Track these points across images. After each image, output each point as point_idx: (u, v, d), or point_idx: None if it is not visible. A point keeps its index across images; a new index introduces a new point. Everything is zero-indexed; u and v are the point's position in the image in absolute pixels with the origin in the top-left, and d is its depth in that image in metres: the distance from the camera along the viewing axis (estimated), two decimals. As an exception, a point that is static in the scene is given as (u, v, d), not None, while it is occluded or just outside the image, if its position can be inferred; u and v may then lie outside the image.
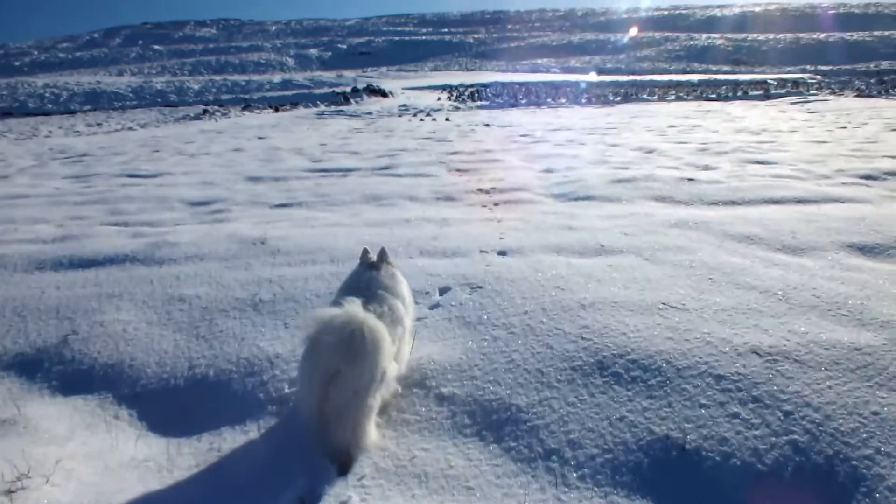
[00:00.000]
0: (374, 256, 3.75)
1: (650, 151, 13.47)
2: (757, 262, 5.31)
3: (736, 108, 33.97)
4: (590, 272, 5.07)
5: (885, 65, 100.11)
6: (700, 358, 3.61)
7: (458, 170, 11.92)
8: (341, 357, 2.78)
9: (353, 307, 2.94)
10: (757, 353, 3.65)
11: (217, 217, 8.51)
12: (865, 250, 5.71)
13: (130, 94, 66.54)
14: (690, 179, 9.15)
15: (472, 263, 5.38)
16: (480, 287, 4.76)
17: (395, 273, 3.70)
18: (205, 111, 47.12)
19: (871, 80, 54.31)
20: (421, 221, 7.25)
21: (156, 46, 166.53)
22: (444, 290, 4.69)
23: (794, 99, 37.54)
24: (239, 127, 32.15)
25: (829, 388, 3.36)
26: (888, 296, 4.54)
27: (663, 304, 4.36)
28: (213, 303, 4.54)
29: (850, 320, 4.12)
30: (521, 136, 19.15)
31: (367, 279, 3.52)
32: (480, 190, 9.52)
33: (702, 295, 4.53)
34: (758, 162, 11.13)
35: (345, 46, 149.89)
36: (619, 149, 14.23)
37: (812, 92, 42.01)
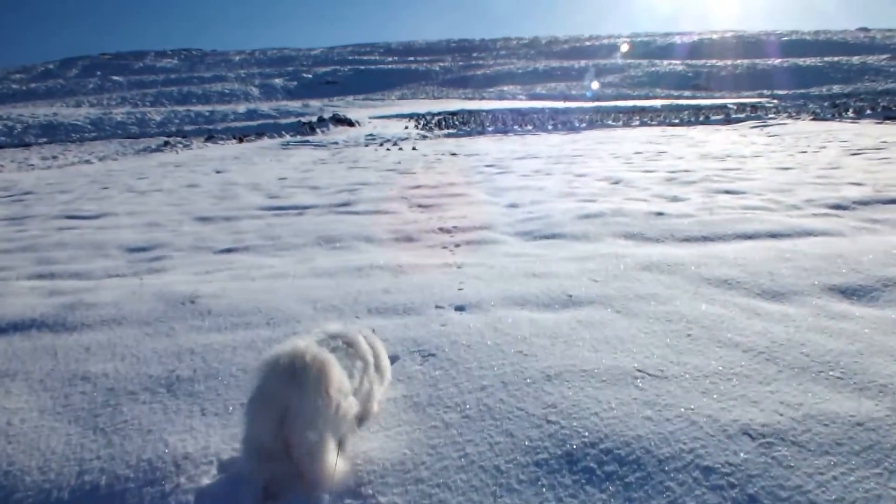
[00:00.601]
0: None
1: (617, 182, 13.07)
2: (737, 313, 4.81)
3: (699, 132, 34.14)
4: (556, 330, 4.52)
5: (836, 88, 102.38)
6: (685, 444, 3.06)
7: (419, 206, 11.39)
8: (288, 392, 2.74)
9: (299, 340, 2.96)
10: (749, 435, 3.12)
11: (153, 266, 7.86)
12: (849, 293, 5.25)
13: (89, 126, 65.14)
14: (660, 213, 8.70)
15: (426, 323, 4.80)
16: (433, 355, 4.18)
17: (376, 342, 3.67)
18: (166, 143, 46.15)
19: (825, 104, 55.52)
20: (374, 270, 6.67)
21: (115, 77, 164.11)
22: (392, 360, 4.11)
23: (753, 123, 37.93)
24: (199, 159, 31.40)
25: (834, 479, 2.84)
26: (882, 350, 4.07)
27: (639, 370, 3.82)
28: (121, 382, 3.89)
29: (846, 384, 3.62)
30: (487, 166, 18.72)
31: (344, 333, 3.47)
32: (442, 229, 8.98)
33: (681, 357, 4.01)
34: (727, 192, 10.76)
35: (310, 76, 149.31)
36: (585, 179, 13.83)
37: (770, 116, 42.58)
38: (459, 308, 5.24)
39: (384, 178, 16.47)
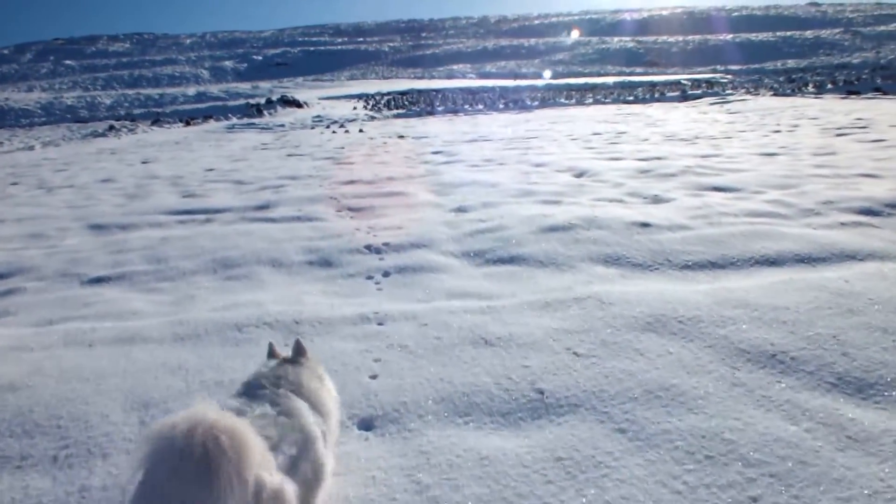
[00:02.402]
0: (285, 352, 2.87)
1: (581, 174, 11.05)
2: (811, 433, 2.85)
3: (656, 110, 32.40)
4: (523, 489, 2.51)
5: (791, 63, 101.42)
6: None
7: (350, 209, 9.23)
8: (188, 480, 1.83)
9: (202, 407, 1.96)
10: None
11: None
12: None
13: (39, 111, 60.99)
14: (645, 224, 6.65)
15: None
16: None
17: (317, 369, 2.80)
18: (111, 127, 42.90)
19: (781, 79, 54.18)
20: (261, 329, 4.55)
21: (67, 61, 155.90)
22: None
23: (712, 99, 36.40)
24: (139, 145, 28.69)
25: None
26: None
27: None
28: None
29: None
30: (434, 152, 16.55)
31: (272, 376, 2.57)
32: (369, 248, 6.85)
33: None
34: (716, 188, 8.78)
35: (260, 58, 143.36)
36: (544, 171, 11.76)
37: (728, 92, 41.11)
38: (366, 425, 3.17)
39: (319, 168, 14.20)
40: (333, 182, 11.80)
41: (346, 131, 29.37)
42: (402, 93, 60.34)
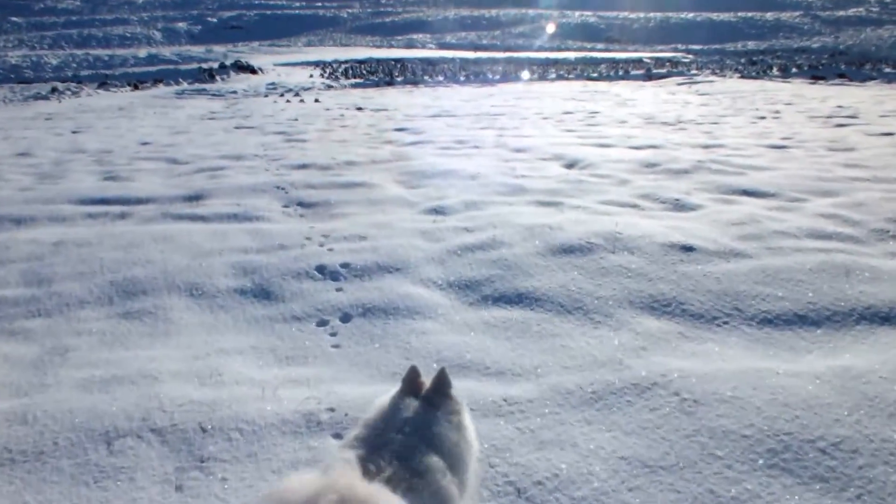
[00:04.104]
0: (426, 379, 2.17)
1: (572, 164, 9.36)
2: None
3: (623, 88, 30.87)
4: None
5: (751, 45, 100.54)
6: None
7: (300, 204, 7.39)
8: None
9: (336, 473, 1.59)
10: None
11: None
12: None
13: (-20, 70, 56.34)
14: (687, 248, 5.00)
15: None
16: None
17: (459, 417, 2.08)
18: (53, 89, 39.25)
19: (742, 60, 53.20)
20: (144, 449, 2.77)
21: (13, 18, 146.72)
22: None
23: (678, 80, 34.97)
24: (79, 110, 25.96)
25: None
26: None
27: None
28: None
29: None
30: (397, 129, 14.65)
31: (404, 421, 1.95)
32: (323, 270, 5.06)
33: None
34: (745, 192, 7.16)
35: (215, 20, 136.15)
36: (527, 158, 10.05)
37: (693, 72, 39.79)
38: None
39: (268, 146, 12.21)
40: (283, 165, 9.87)
41: (301, 101, 27.21)
42: (361, 61, 57.54)
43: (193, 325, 4.22)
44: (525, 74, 41.76)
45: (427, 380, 2.22)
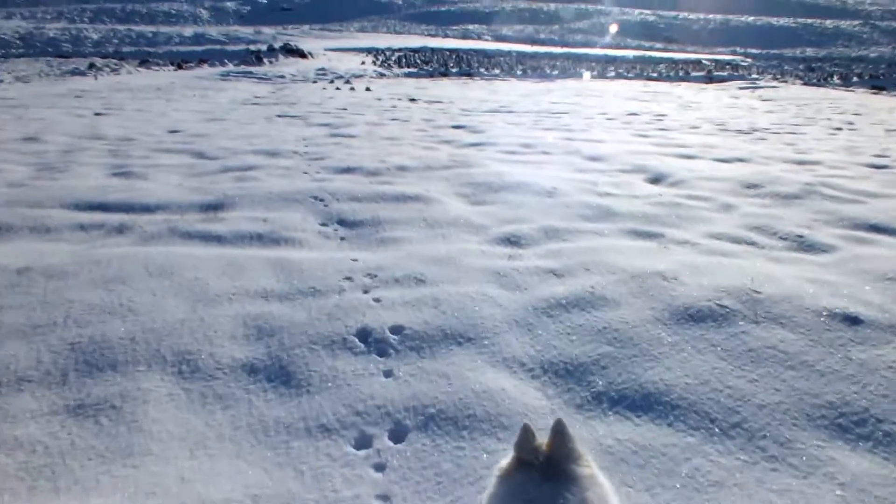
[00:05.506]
0: (543, 442, 1.54)
1: (657, 179, 7.91)
2: None
3: (685, 90, 29.37)
4: None
5: (809, 51, 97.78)
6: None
7: (341, 223, 5.98)
8: None
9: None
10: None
11: None
12: None
13: (17, 41, 55.94)
14: (853, 320, 3.45)
15: None
16: None
17: (601, 489, 1.48)
18: (91, 65, 38.74)
19: (800, 66, 51.25)
20: None
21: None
22: None
23: (740, 83, 33.44)
24: (115, 88, 25.07)
25: None
26: None
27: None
28: None
29: None
30: (455, 126, 13.21)
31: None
32: (366, 337, 3.63)
33: None
34: (875, 228, 5.70)
35: (265, 1, 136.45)
36: (606, 169, 8.57)
37: (755, 76, 38.17)
38: None
39: (309, 141, 10.86)
40: (323, 167, 8.47)
41: (352, 88, 26.05)
42: (415, 50, 56.26)
43: (172, 438, 2.81)
44: (584, 71, 40.04)
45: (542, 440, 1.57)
